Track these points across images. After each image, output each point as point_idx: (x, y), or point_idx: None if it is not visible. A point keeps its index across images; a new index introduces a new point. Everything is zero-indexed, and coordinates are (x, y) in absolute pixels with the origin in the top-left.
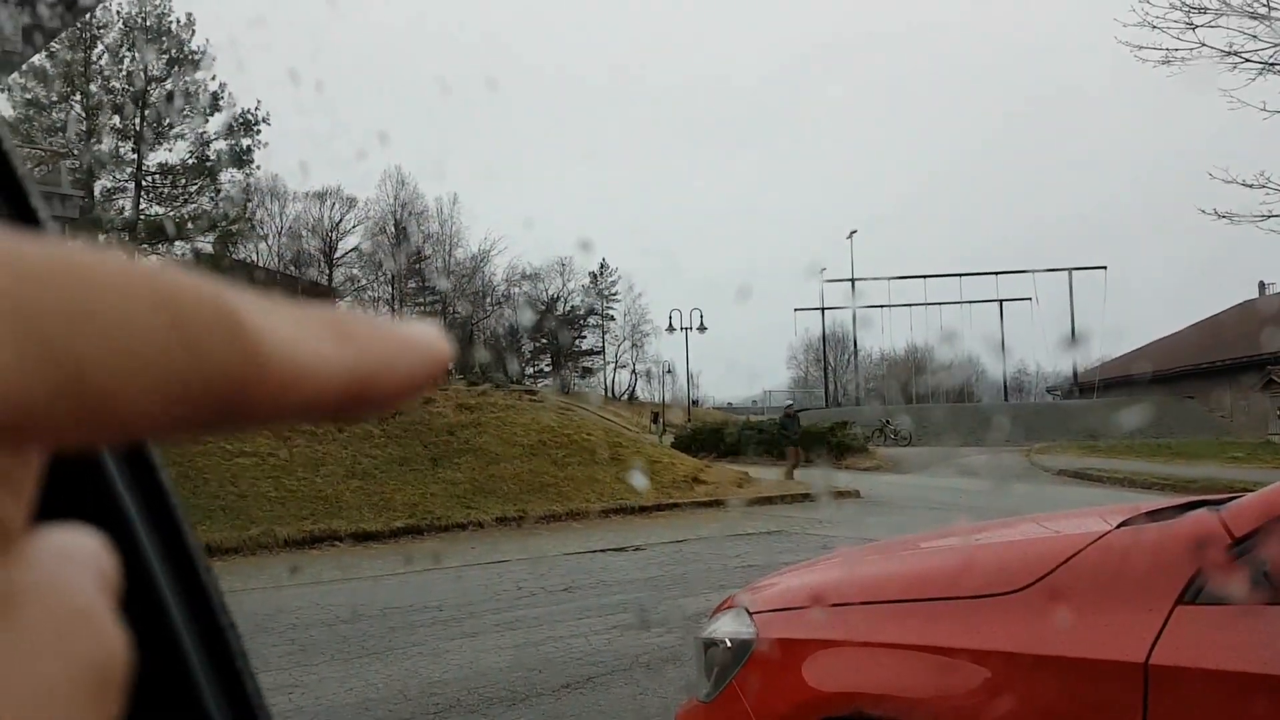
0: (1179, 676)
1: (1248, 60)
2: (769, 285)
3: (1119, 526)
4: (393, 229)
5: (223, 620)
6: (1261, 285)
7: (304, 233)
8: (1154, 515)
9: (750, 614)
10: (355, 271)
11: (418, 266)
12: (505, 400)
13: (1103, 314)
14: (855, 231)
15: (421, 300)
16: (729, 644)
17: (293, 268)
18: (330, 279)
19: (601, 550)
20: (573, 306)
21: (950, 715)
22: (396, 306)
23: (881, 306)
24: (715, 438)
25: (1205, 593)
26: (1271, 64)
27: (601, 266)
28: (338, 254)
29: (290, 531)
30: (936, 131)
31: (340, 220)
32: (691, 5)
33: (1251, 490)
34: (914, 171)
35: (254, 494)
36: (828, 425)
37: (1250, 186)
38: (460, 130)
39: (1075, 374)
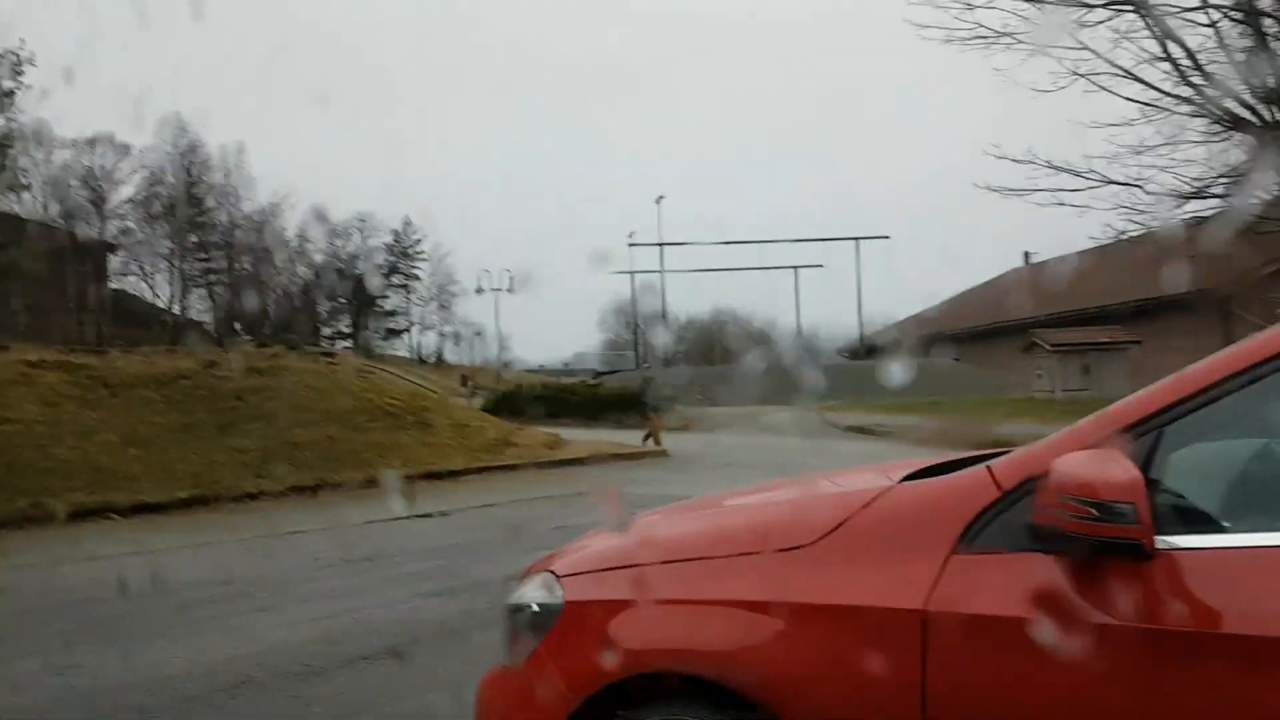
0: (953, 621)
1: (1020, 42)
2: (580, 248)
3: (901, 481)
4: (172, 179)
5: None
6: (1026, 255)
7: (72, 182)
8: (932, 471)
9: (558, 577)
10: (130, 224)
11: (200, 220)
12: (300, 363)
13: (887, 281)
14: (663, 197)
15: (204, 256)
16: (536, 608)
17: (60, 220)
18: (102, 232)
19: (406, 517)
20: (375, 265)
21: (752, 666)
22: (176, 262)
23: (687, 271)
24: (527, 400)
25: (977, 542)
26: (1041, 46)
27: (405, 224)
28: (110, 205)
29: (62, 504)
30: (737, 103)
31: (113, 169)
32: None
33: (1018, 446)
34: (718, 141)
35: (20, 464)
36: (637, 388)
37: (1018, 162)
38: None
39: (862, 337)
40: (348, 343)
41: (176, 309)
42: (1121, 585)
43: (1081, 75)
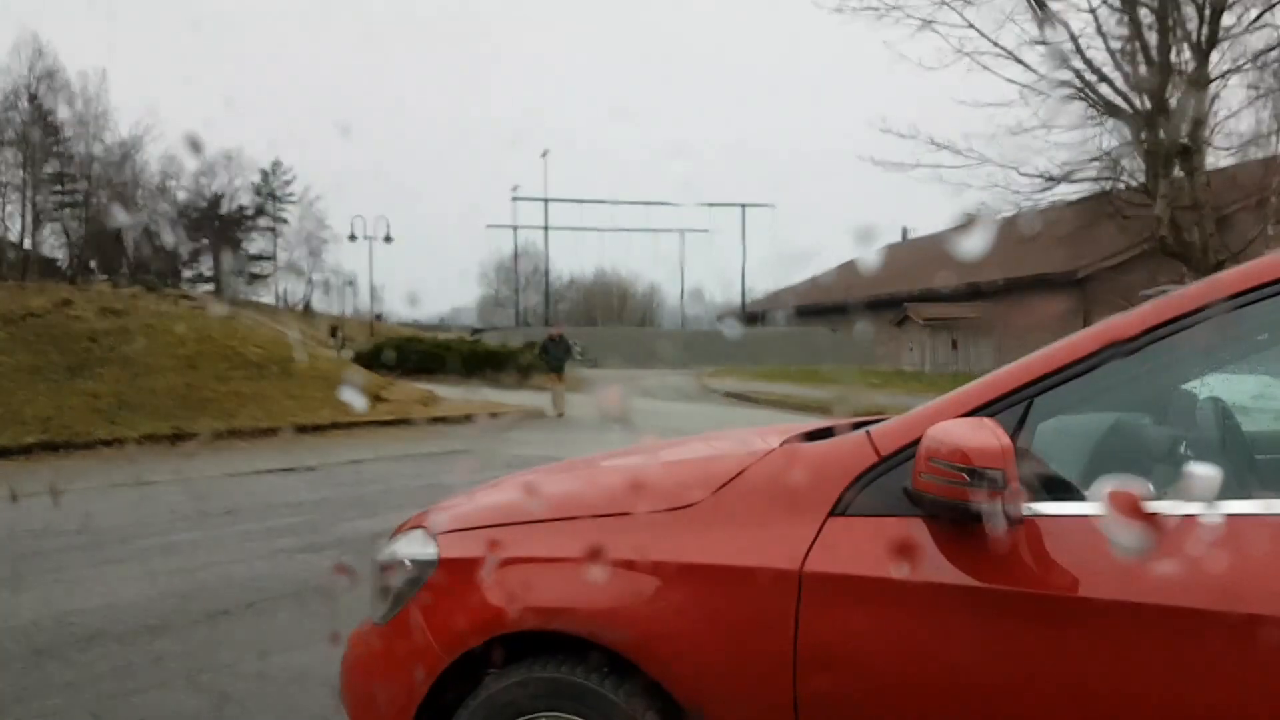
0: (828, 581)
1: (910, 15)
2: (460, 197)
3: (781, 445)
4: (26, 104)
5: None
6: (904, 231)
7: None
8: (811, 435)
9: (432, 534)
10: None
11: (55, 150)
12: (158, 306)
13: (771, 250)
14: (548, 151)
15: (60, 189)
16: (409, 564)
17: None
18: None
19: (269, 471)
20: (240, 206)
21: (625, 625)
22: (29, 194)
23: (572, 229)
24: (400, 354)
25: (854, 505)
26: (929, 21)
27: (274, 165)
28: None
29: None
30: (629, 62)
31: None
32: None
33: (895, 414)
34: (606, 100)
35: None
36: (518, 346)
37: (903, 137)
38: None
39: (744, 304)
40: (210, 286)
41: (28, 243)
42: (989, 549)
43: (966, 54)
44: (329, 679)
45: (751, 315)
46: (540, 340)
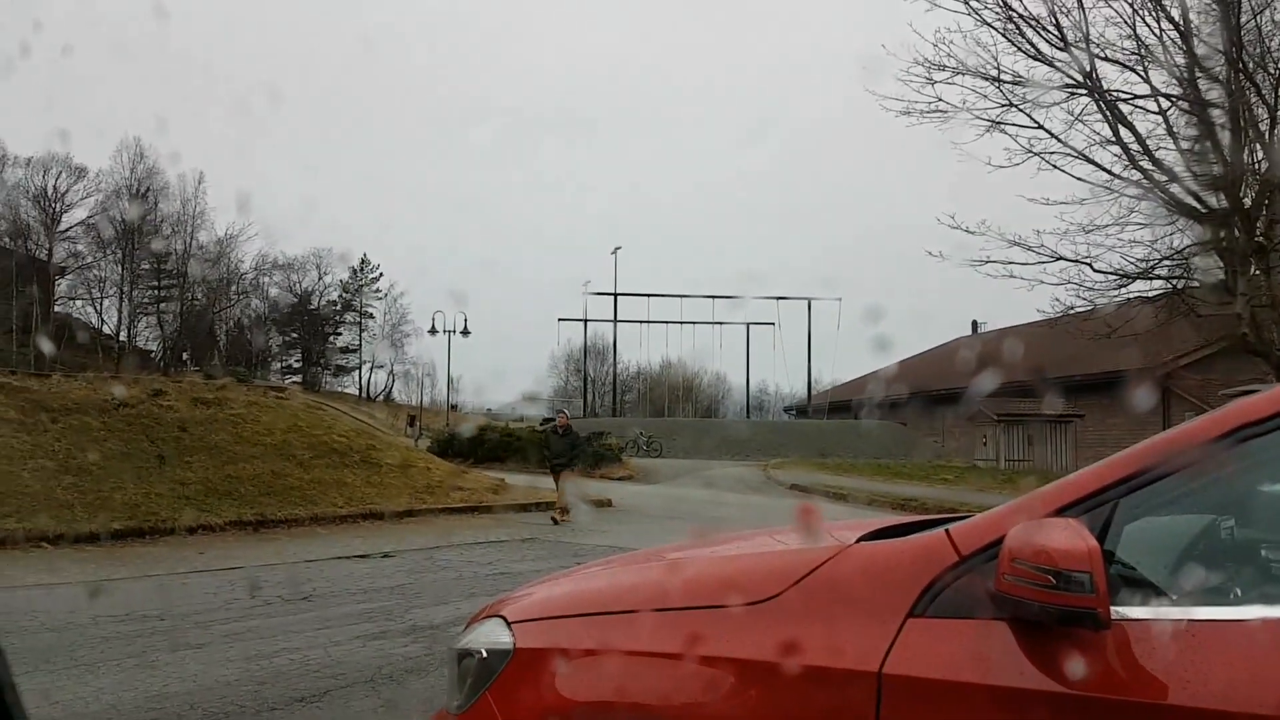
0: (908, 685)
1: (978, 118)
2: (534, 293)
3: (856, 541)
4: (127, 204)
5: None
6: (974, 324)
7: (23, 201)
8: (886, 532)
9: (508, 623)
10: (80, 247)
11: (153, 247)
12: (248, 396)
13: (837, 342)
14: (619, 248)
15: (156, 284)
16: (485, 654)
17: (7, 240)
18: (50, 254)
19: (347, 557)
20: (329, 301)
21: None
22: (126, 289)
23: (640, 322)
24: (473, 443)
25: (934, 607)
26: (998, 123)
27: (363, 262)
28: (61, 227)
29: None
30: (697, 160)
31: (66, 191)
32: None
33: (974, 513)
34: (677, 196)
35: None
36: (585, 434)
37: (971, 233)
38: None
39: (810, 395)
40: (297, 378)
41: (124, 336)
42: (1076, 654)
43: (1035, 154)
44: None
45: (817, 407)
46: (544, 429)
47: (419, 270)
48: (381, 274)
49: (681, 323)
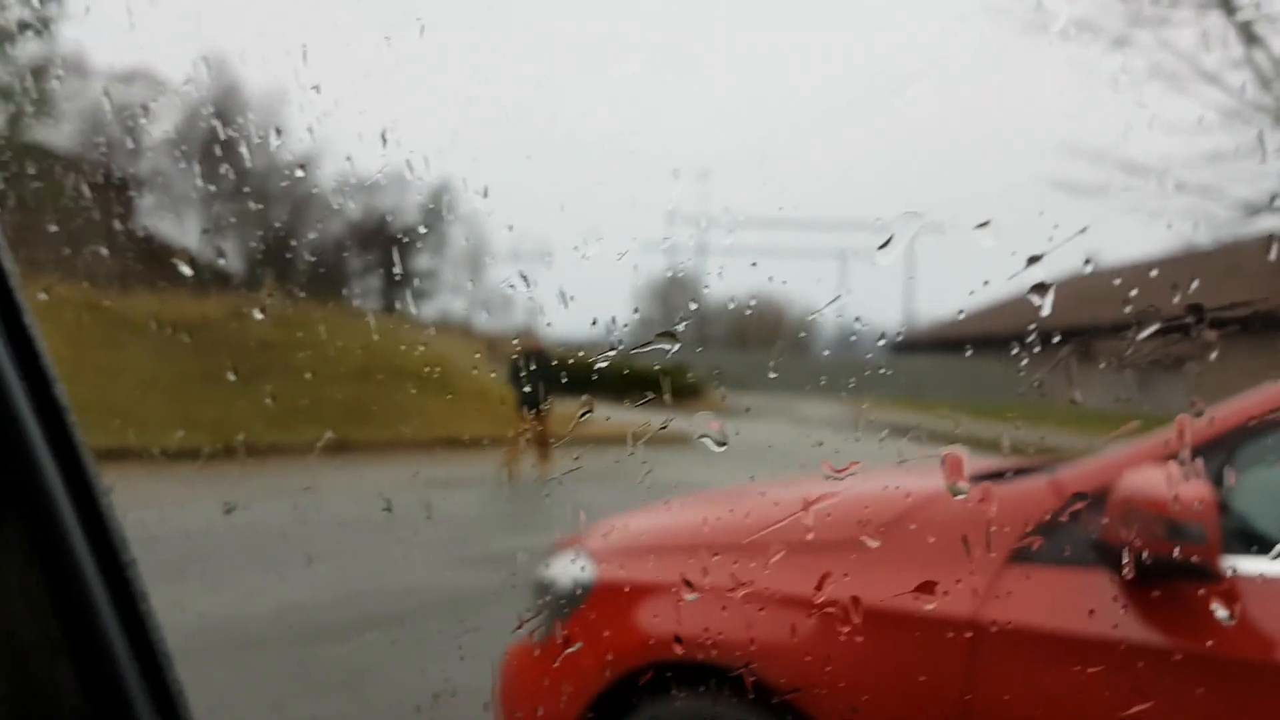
0: (1003, 633)
1: (1099, 35)
2: (614, 218)
3: (949, 485)
4: (209, 120)
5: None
6: (1087, 259)
7: (107, 117)
8: (988, 477)
9: (591, 555)
10: (163, 164)
11: (234, 165)
12: (329, 317)
13: (941, 275)
14: (708, 173)
15: (238, 203)
16: (567, 584)
17: (94, 154)
18: (135, 170)
19: (426, 483)
20: (410, 224)
21: (789, 663)
22: (211, 209)
23: (727, 254)
24: (553, 373)
25: (1035, 554)
26: (1121, 39)
27: (443, 184)
28: (143, 144)
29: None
30: (795, 80)
31: (148, 107)
32: None
33: (1074, 456)
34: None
35: None
36: (669, 368)
37: (1092, 161)
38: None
39: (908, 331)
40: (377, 301)
41: (207, 254)
42: (1183, 607)
43: (1162, 76)
44: (481, 692)
45: (917, 343)
46: (512, 359)
47: (502, 190)
48: (461, 197)
49: (771, 254)
